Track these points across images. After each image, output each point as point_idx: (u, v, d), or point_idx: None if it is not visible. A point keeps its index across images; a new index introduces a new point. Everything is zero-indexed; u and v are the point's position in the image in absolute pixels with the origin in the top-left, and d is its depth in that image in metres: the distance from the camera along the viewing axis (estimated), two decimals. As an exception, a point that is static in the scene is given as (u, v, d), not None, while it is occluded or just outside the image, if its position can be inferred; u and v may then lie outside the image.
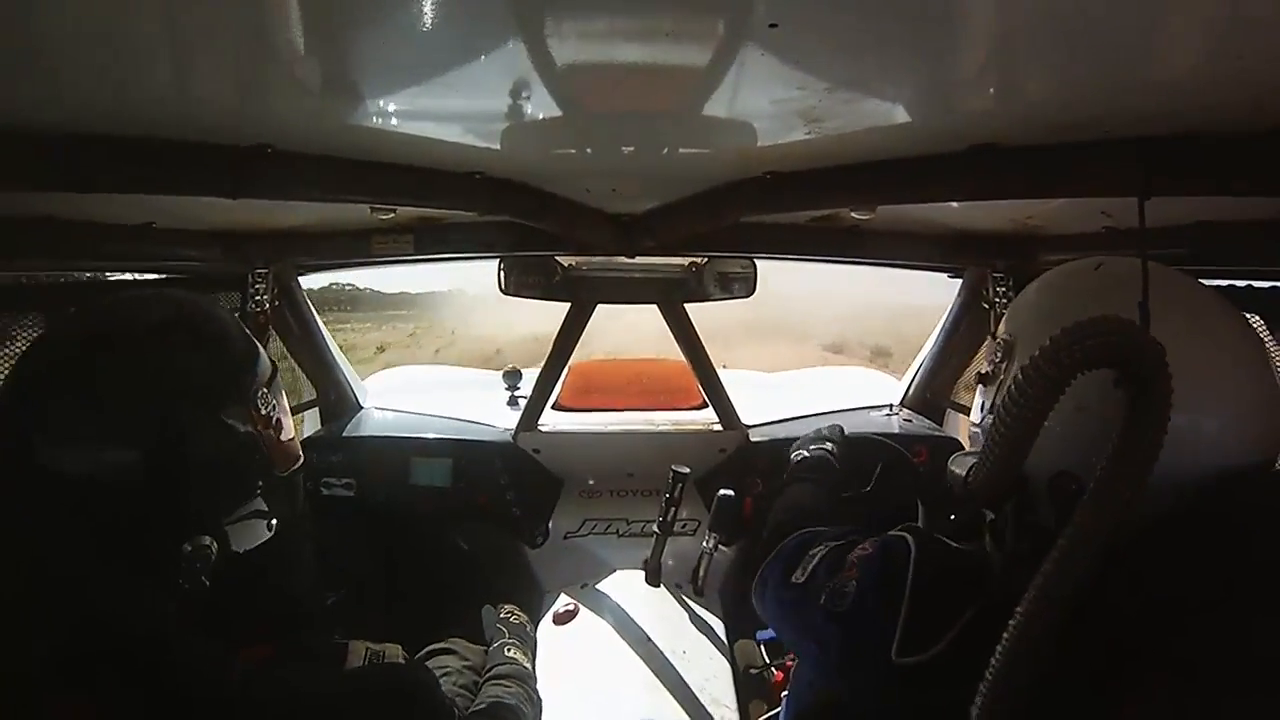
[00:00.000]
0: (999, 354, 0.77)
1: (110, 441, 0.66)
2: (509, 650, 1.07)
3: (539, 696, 1.05)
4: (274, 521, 0.78)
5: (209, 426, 0.71)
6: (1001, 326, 0.79)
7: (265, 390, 0.77)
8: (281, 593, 0.81)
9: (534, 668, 1.13)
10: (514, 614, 1.19)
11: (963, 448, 1.04)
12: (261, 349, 0.81)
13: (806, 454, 1.22)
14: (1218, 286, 0.97)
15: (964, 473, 0.73)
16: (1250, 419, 0.65)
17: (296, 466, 0.83)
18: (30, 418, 0.66)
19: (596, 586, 1.57)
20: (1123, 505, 0.57)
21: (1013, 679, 0.56)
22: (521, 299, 1.65)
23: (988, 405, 0.78)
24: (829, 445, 1.22)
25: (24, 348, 1.03)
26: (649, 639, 1.38)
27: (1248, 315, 0.96)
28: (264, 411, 0.76)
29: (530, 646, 1.14)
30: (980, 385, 0.81)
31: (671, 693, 1.24)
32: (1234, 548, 0.59)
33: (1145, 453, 0.57)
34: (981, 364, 0.82)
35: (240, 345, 0.77)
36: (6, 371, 0.77)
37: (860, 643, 0.72)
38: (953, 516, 0.86)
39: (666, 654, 1.33)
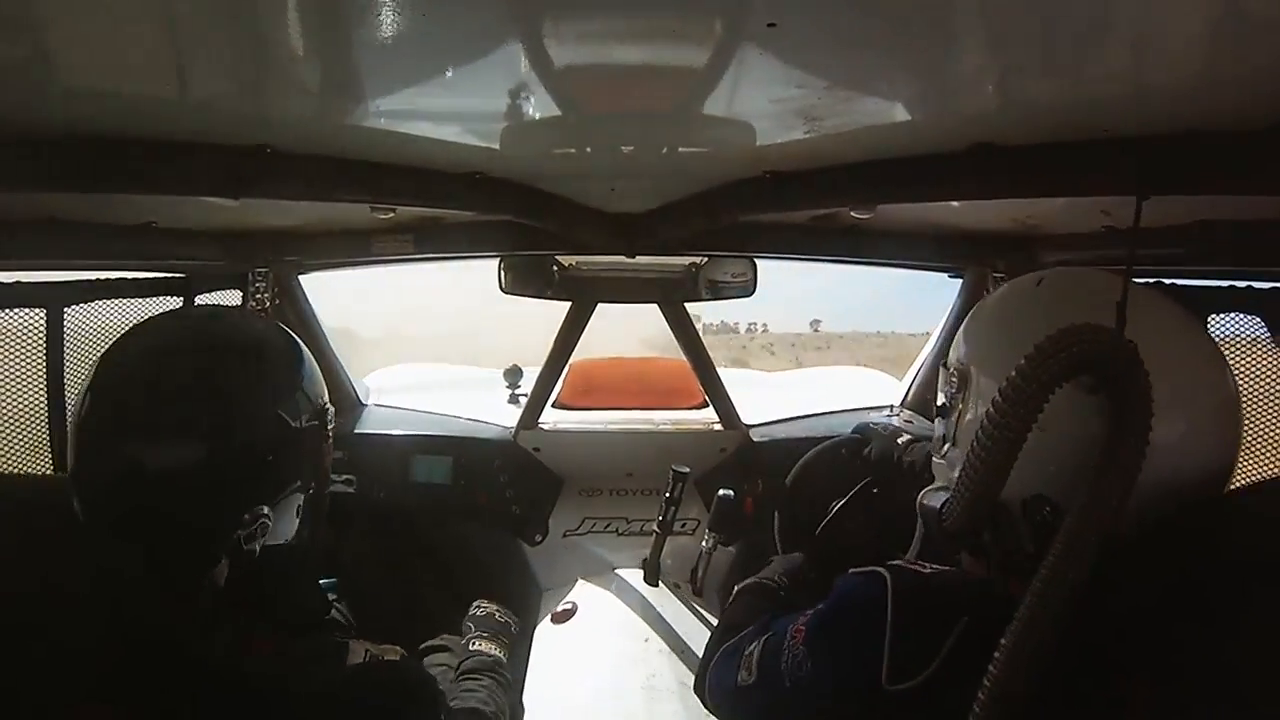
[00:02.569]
0: (953, 384, 0.76)
1: (181, 440, 0.74)
2: (474, 644, 1.08)
3: (508, 679, 1.06)
4: (302, 521, 0.87)
5: (284, 440, 0.81)
6: (950, 356, 0.78)
7: (330, 410, 0.90)
8: (293, 591, 0.83)
9: (512, 649, 1.13)
10: (480, 607, 1.19)
11: None
12: (316, 367, 0.90)
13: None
14: (1215, 287, 0.98)
15: (938, 507, 0.72)
16: (1211, 429, 0.66)
17: (329, 487, 0.94)
18: (115, 416, 0.74)
19: (595, 585, 1.57)
20: (1111, 513, 0.57)
21: (1006, 694, 0.56)
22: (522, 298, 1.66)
23: (949, 437, 0.78)
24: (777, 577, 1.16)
25: (26, 346, 1.05)
26: (648, 638, 1.38)
27: (1248, 316, 0.97)
28: (329, 428, 0.89)
29: (503, 631, 1.14)
30: (938, 418, 0.80)
31: (670, 692, 1.24)
32: (1218, 556, 0.59)
33: (1131, 454, 0.57)
34: (938, 395, 0.81)
35: (309, 368, 0.89)
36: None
37: (844, 684, 0.70)
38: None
39: (665, 653, 1.33)
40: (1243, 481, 0.99)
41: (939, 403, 0.80)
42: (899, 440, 1.07)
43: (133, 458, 0.72)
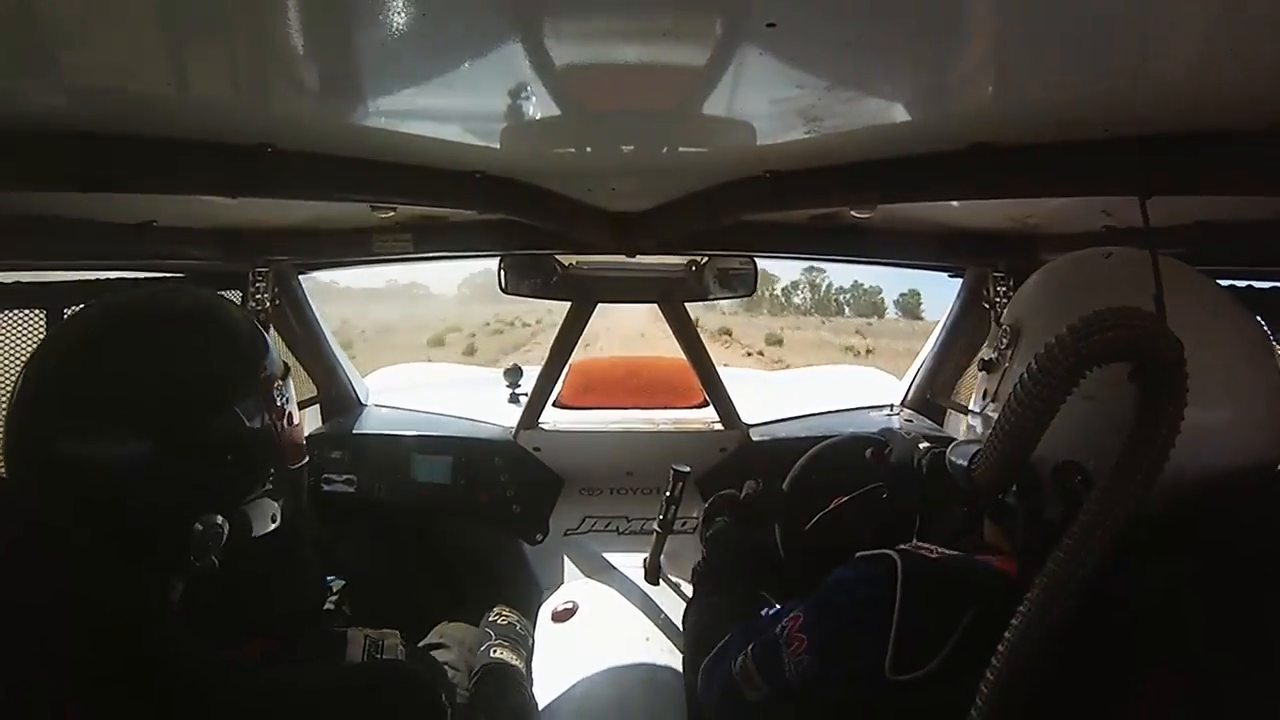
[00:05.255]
0: (1004, 340, 0.75)
1: (125, 430, 0.67)
2: (494, 651, 1.08)
3: (529, 694, 1.05)
4: (278, 512, 0.79)
5: (221, 415, 0.72)
6: (1006, 313, 0.78)
7: (280, 383, 0.80)
8: (285, 587, 0.81)
9: (529, 663, 1.13)
10: (501, 615, 1.19)
11: None
12: (271, 344, 0.82)
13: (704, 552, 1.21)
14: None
15: (966, 462, 0.71)
16: (1258, 417, 0.65)
17: (304, 461, 0.85)
18: (50, 408, 0.68)
19: (595, 584, 1.57)
20: (1131, 500, 0.56)
21: (1015, 676, 0.56)
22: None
23: (991, 392, 0.77)
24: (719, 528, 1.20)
25: (26, 346, 1.04)
26: (648, 637, 1.38)
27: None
28: (278, 403, 0.78)
29: (522, 644, 1.14)
30: (983, 372, 0.79)
31: (671, 690, 1.24)
32: (1240, 543, 0.58)
33: (1158, 449, 0.56)
34: (985, 350, 0.80)
35: (251, 338, 0.79)
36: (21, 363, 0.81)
37: (847, 671, 0.70)
38: (965, 508, 0.84)
39: (665, 652, 1.33)
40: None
41: (985, 357, 0.79)
42: (919, 446, 1.08)
43: (52, 459, 0.66)
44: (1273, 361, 0.68)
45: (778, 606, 0.81)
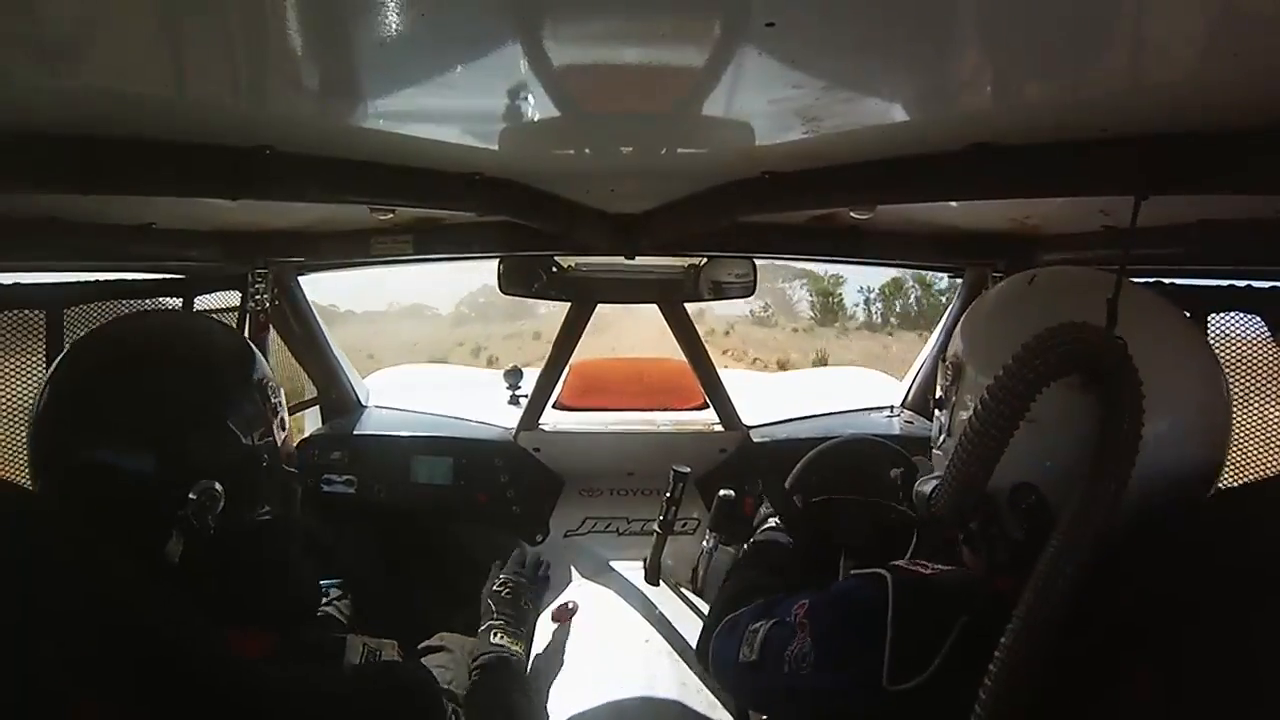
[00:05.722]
0: (949, 378, 0.78)
1: (131, 443, 0.75)
2: (495, 636, 1.08)
3: (529, 690, 1.05)
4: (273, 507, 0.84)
5: (215, 426, 0.79)
6: (949, 349, 0.80)
7: (268, 380, 0.86)
8: (279, 581, 0.82)
9: (528, 648, 1.12)
10: (507, 586, 1.18)
11: None
12: (259, 354, 0.89)
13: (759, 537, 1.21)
14: (1214, 286, 0.98)
15: (928, 493, 0.74)
16: (1202, 422, 0.66)
17: (295, 467, 0.89)
18: (67, 423, 0.76)
19: (596, 585, 1.57)
20: (1106, 509, 0.57)
21: (1009, 691, 0.56)
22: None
23: (945, 427, 0.79)
24: (773, 524, 1.21)
25: (26, 348, 1.05)
26: (649, 638, 1.38)
27: (1247, 315, 0.97)
28: (272, 401, 0.86)
29: (525, 623, 1.13)
30: (936, 410, 0.82)
31: (671, 692, 1.24)
32: (1221, 548, 0.59)
33: (1125, 451, 0.58)
34: (936, 387, 0.83)
35: (240, 356, 0.87)
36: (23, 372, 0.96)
37: (844, 684, 0.71)
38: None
39: (666, 653, 1.33)
40: (1243, 476, 0.99)
41: (937, 395, 0.81)
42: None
43: (76, 452, 0.74)
44: (1216, 373, 0.69)
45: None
